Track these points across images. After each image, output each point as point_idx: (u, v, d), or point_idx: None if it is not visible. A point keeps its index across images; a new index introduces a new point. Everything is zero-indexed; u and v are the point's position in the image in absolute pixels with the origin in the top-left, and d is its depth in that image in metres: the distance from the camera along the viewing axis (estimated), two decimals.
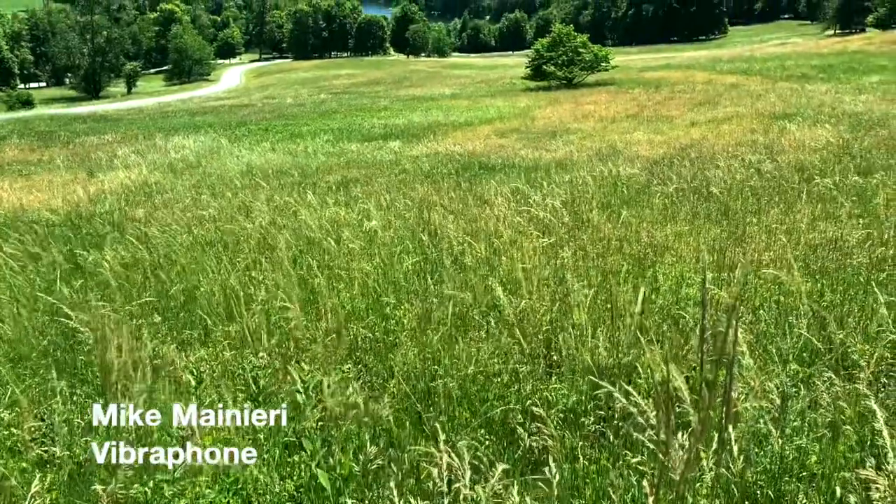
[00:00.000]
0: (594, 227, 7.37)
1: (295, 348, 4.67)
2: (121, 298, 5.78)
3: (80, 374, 4.57)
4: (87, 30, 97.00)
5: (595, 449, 3.46)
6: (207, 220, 9.47)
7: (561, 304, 4.86)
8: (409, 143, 22.01)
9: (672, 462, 2.41)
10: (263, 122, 34.81)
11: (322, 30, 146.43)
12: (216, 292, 5.78)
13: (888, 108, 18.77)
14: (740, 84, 33.77)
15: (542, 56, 45.35)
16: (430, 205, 9.32)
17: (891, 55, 44.34)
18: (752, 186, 9.33)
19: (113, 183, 15.63)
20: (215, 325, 5.18)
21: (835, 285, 5.11)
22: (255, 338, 4.72)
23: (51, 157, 24.02)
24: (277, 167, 16.58)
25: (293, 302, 4.66)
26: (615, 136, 19.48)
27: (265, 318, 4.94)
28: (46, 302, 6.01)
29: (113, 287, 6.10)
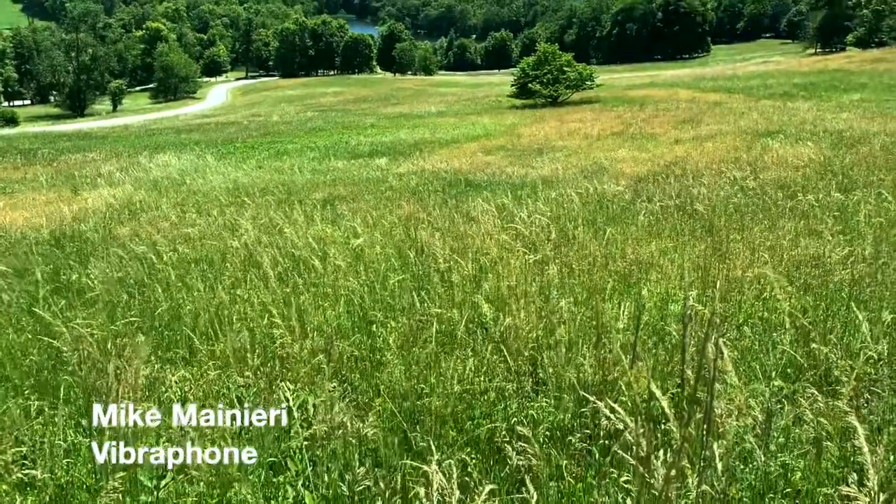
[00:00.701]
0: (580, 243, 7.41)
1: (280, 367, 4.65)
2: (105, 317, 5.74)
3: (62, 394, 4.52)
4: (72, 48, 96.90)
5: (581, 467, 3.46)
6: (193, 237, 9.43)
7: (547, 322, 4.87)
8: (395, 160, 22.06)
9: (655, 479, 2.42)
10: (250, 139, 34.78)
11: (309, 48, 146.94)
12: (201, 311, 5.75)
13: (868, 126, 19.03)
14: (723, 102, 34.15)
15: (528, 74, 45.67)
16: (416, 222, 9.34)
17: (870, 73, 45.04)
18: (735, 203, 9.42)
19: (97, 201, 15.54)
20: (200, 343, 5.15)
21: (817, 301, 5.16)
22: (240, 357, 4.70)
23: (34, 175, 23.84)
24: (263, 185, 16.56)
25: (279, 320, 4.65)
26: (600, 153, 19.62)
27: (250, 337, 4.92)
28: (29, 321, 5.96)
29: (97, 306, 6.05)
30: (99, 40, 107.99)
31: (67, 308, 6.00)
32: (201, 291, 6.14)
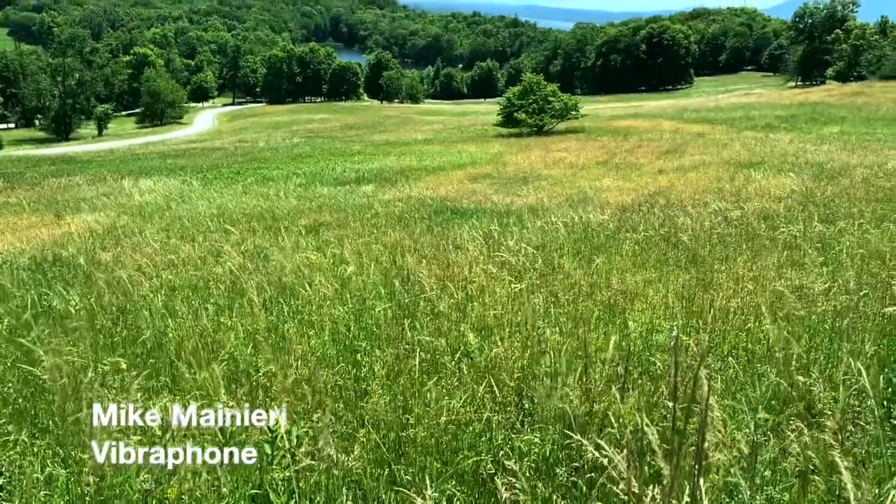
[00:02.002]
0: (565, 273, 7.44)
1: (264, 396, 4.60)
2: (85, 344, 5.66)
3: (41, 423, 4.43)
4: (58, 72, 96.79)
5: (567, 500, 3.43)
6: (177, 263, 9.36)
7: (532, 351, 4.86)
8: (381, 187, 22.12)
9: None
10: (235, 165, 34.76)
11: (296, 75, 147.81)
12: (185, 338, 5.69)
13: (849, 158, 19.36)
14: (706, 133, 34.64)
15: (514, 104, 46.17)
16: (402, 249, 9.34)
17: (850, 107, 45.96)
18: (719, 234, 9.50)
19: (80, 226, 15.41)
20: (184, 371, 5.09)
21: (801, 332, 5.19)
22: (224, 385, 4.64)
23: (17, 199, 23.64)
24: (249, 210, 16.52)
25: (263, 349, 4.61)
26: (585, 182, 19.79)
27: (234, 366, 4.87)
28: (8, 348, 5.87)
29: (79, 332, 5.97)
30: (86, 65, 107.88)
31: (48, 335, 5.91)
32: (185, 318, 6.08)
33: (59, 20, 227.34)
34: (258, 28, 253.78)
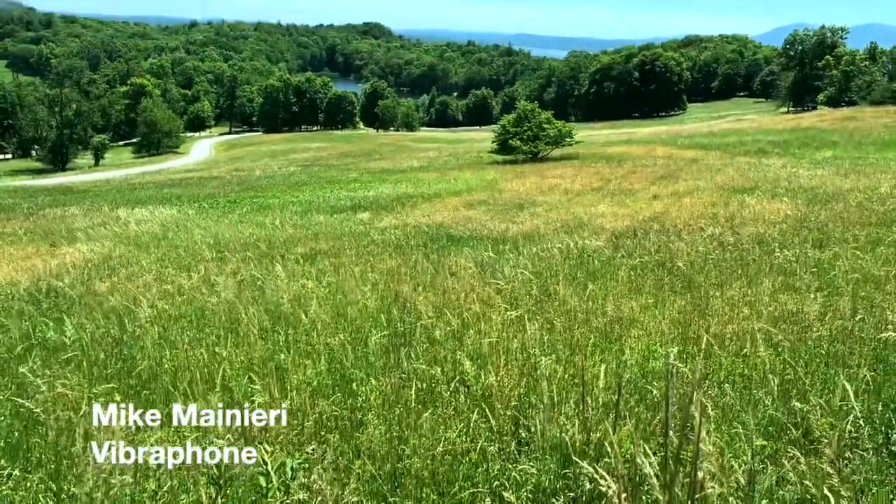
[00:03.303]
0: (561, 299, 7.44)
1: (259, 428, 4.56)
2: (80, 376, 5.63)
3: (34, 457, 4.39)
4: (55, 103, 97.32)
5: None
6: (172, 293, 9.35)
7: (529, 379, 4.85)
8: (378, 214, 22.17)
9: None
10: (232, 194, 34.85)
11: (293, 104, 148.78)
12: (180, 369, 5.66)
13: (841, 183, 19.48)
14: (700, 158, 34.86)
15: (508, 131, 46.46)
16: (398, 277, 9.34)
17: (841, 131, 46.34)
18: (714, 259, 9.54)
19: (76, 256, 15.40)
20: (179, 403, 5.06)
21: (797, 358, 5.19)
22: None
23: (13, 229, 23.64)
24: (245, 239, 16.53)
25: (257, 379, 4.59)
26: (580, 208, 19.86)
27: (230, 397, 4.84)
28: (2, 381, 5.83)
29: (73, 364, 5.94)
30: (83, 95, 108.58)
31: (42, 367, 5.88)
32: (181, 349, 6.06)
33: (57, 52, 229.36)
34: (255, 58, 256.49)
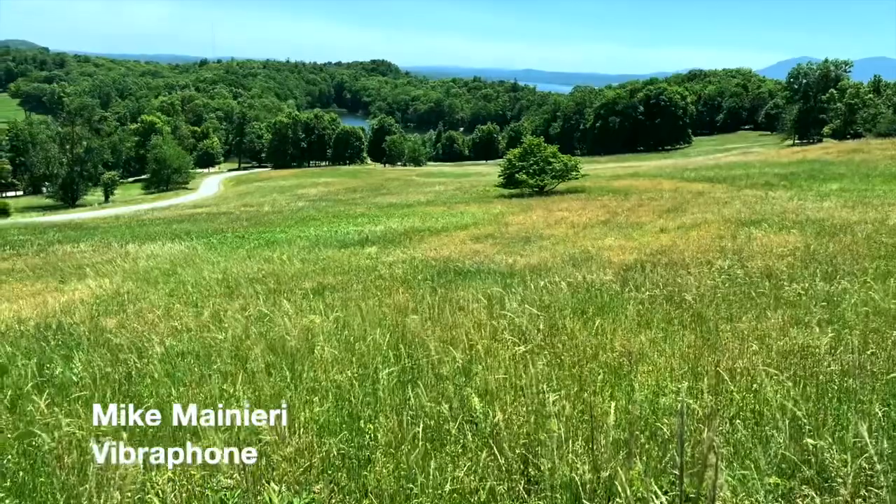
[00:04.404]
0: (570, 333, 7.41)
1: (266, 466, 4.53)
2: (88, 414, 5.61)
3: (41, 497, 4.36)
4: (66, 140, 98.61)
5: None
6: (181, 330, 9.36)
7: (538, 416, 4.81)
8: (385, 248, 22.22)
9: None
10: (240, 229, 35.05)
11: (301, 140, 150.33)
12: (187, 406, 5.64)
13: (849, 215, 19.46)
14: (706, 192, 34.94)
15: (514, 165, 46.80)
16: (406, 311, 9.33)
17: (847, 163, 46.43)
18: (723, 293, 9.50)
19: (84, 292, 15.47)
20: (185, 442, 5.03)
21: (808, 393, 5.14)
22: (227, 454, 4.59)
23: (22, 266, 23.80)
24: (253, 274, 16.57)
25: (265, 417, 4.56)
26: (587, 241, 19.87)
27: (236, 435, 4.81)
28: (9, 419, 5.82)
29: (81, 402, 5.93)
30: (94, 133, 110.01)
31: (50, 405, 5.87)
32: (188, 386, 6.05)
33: (69, 90, 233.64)
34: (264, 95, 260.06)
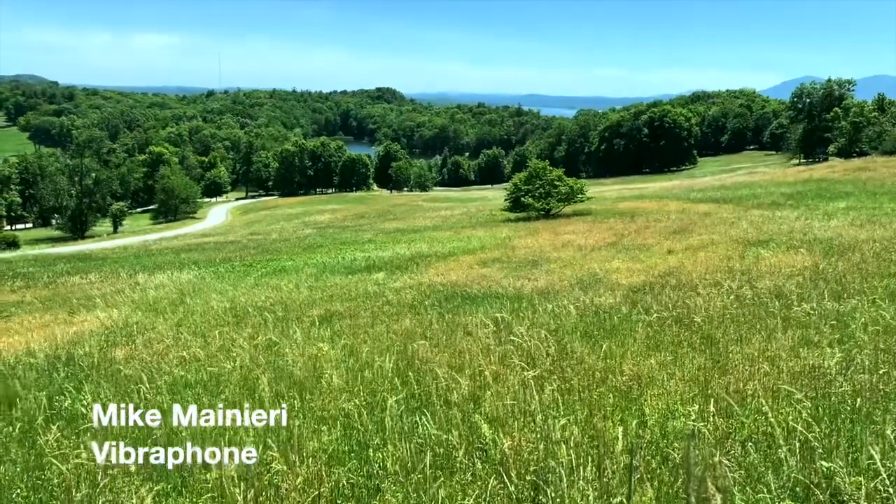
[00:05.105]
0: (578, 358, 7.37)
1: (275, 496, 4.51)
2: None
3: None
4: (75, 172, 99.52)
5: None
6: (189, 360, 9.36)
7: (547, 443, 4.77)
8: (392, 274, 22.22)
9: None
10: (248, 257, 35.17)
11: (308, 168, 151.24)
12: (195, 437, 5.63)
13: (857, 234, 19.38)
14: (713, 212, 34.88)
15: (520, 189, 46.90)
16: (414, 337, 9.31)
17: (854, 182, 46.28)
18: (732, 314, 9.45)
19: (93, 323, 15.52)
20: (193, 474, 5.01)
21: (821, 414, 5.09)
22: (234, 486, 4.56)
23: (32, 298, 23.92)
24: (261, 303, 16.60)
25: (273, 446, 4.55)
26: (595, 264, 19.83)
27: (244, 467, 4.79)
28: (19, 452, 5.82)
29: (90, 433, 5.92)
30: (103, 164, 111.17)
31: (60, 438, 5.87)
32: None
33: (78, 123, 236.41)
34: (270, 124, 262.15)
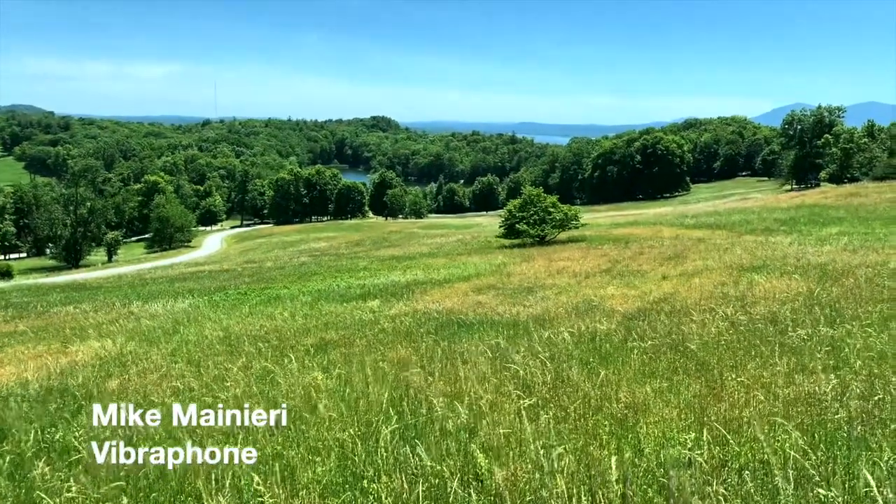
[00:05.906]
0: (574, 385, 7.36)
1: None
2: (88, 479, 5.55)
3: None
4: (70, 201, 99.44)
5: None
6: (182, 390, 9.30)
7: (542, 473, 4.74)
8: (387, 302, 22.17)
9: None
10: (243, 286, 35.05)
11: (303, 196, 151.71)
12: (189, 470, 5.58)
13: (850, 259, 19.47)
14: (707, 238, 35.02)
15: (515, 215, 47.04)
16: (409, 366, 9.28)
17: (846, 207, 46.63)
18: (727, 340, 9.45)
19: (87, 353, 15.42)
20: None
21: (816, 441, 5.07)
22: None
23: (25, 328, 23.76)
24: (255, 332, 16.53)
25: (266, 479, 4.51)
26: (589, 290, 19.84)
27: (239, 498, 4.75)
28: (9, 486, 5.75)
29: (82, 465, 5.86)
30: (98, 194, 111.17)
31: (51, 471, 5.81)
32: (188, 449, 5.98)
33: (73, 152, 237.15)
34: (266, 153, 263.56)
